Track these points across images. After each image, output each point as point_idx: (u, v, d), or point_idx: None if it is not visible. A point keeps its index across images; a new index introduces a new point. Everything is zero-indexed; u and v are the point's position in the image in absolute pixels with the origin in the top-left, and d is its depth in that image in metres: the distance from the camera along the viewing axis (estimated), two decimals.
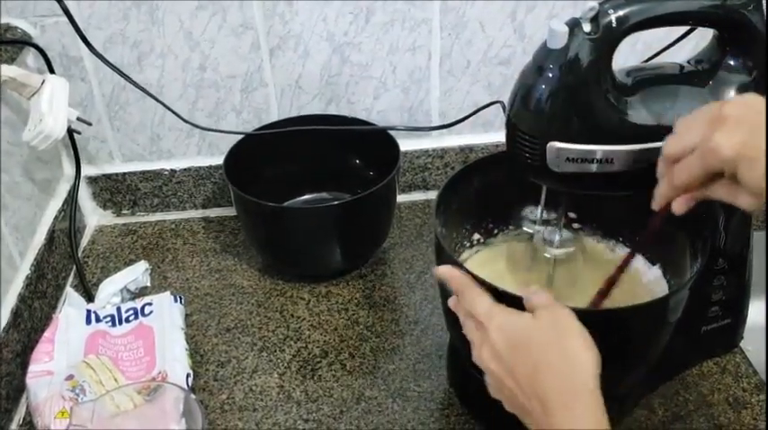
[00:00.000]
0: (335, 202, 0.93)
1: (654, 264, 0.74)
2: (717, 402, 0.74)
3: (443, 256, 0.66)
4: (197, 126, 0.93)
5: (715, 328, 0.76)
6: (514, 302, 0.57)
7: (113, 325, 0.81)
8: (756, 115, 0.47)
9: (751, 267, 0.76)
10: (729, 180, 0.48)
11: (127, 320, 0.81)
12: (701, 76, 0.62)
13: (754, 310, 0.79)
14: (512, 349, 0.53)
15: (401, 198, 1.04)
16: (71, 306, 0.84)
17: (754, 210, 0.50)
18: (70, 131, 0.91)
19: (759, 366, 0.78)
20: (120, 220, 1.05)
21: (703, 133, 0.48)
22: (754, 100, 0.48)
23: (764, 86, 0.47)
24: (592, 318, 0.58)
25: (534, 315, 0.53)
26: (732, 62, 0.61)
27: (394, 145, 0.92)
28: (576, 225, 0.79)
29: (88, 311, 0.82)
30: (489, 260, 0.79)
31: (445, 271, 0.60)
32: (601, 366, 0.51)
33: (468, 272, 0.60)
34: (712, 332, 0.76)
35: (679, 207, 0.53)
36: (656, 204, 0.55)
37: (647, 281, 0.74)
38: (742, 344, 0.80)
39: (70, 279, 0.94)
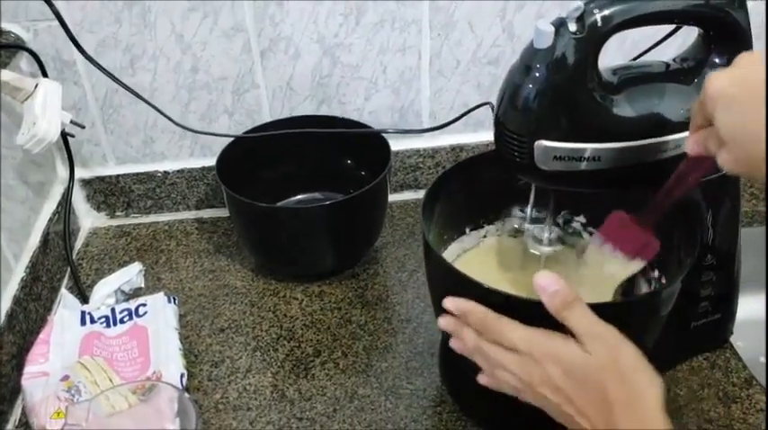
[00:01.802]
0: (327, 202, 0.93)
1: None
2: (707, 397, 0.75)
3: (432, 257, 0.66)
4: (189, 129, 0.93)
5: (705, 324, 0.77)
6: (506, 302, 0.57)
7: (108, 326, 0.81)
8: (746, 71, 0.47)
9: (740, 263, 0.76)
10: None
11: (121, 321, 0.82)
12: (686, 74, 0.63)
13: (744, 306, 0.79)
14: (573, 383, 0.52)
15: (393, 197, 1.04)
16: (66, 307, 0.84)
17: (732, 173, 0.49)
18: (64, 134, 0.91)
19: (749, 361, 0.78)
20: (114, 222, 1.06)
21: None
22: (758, 58, 0.48)
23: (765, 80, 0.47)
24: None
25: (587, 348, 0.52)
26: (717, 60, 0.62)
27: (385, 145, 0.92)
28: (570, 223, 0.80)
29: (83, 313, 0.82)
30: (479, 259, 0.79)
31: (459, 305, 0.58)
32: (664, 392, 0.51)
33: (458, 272, 0.61)
34: (702, 327, 0.77)
35: (689, 145, 0.53)
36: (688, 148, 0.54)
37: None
38: (732, 339, 0.80)
39: (65, 281, 0.95)
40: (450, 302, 0.58)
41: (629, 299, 0.69)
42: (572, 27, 0.57)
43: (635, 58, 0.78)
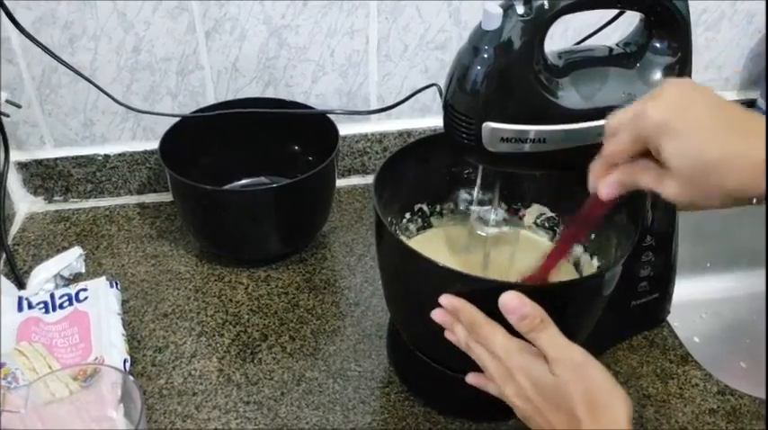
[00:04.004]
0: (274, 185, 0.92)
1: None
2: (645, 374, 0.77)
3: (384, 236, 0.66)
4: (132, 108, 0.91)
5: (644, 303, 0.79)
6: (468, 283, 0.58)
7: (47, 311, 0.79)
8: (686, 98, 0.48)
9: (677, 245, 0.79)
10: (656, 165, 0.49)
11: (61, 307, 0.79)
12: (629, 58, 0.64)
13: (678, 288, 0.82)
14: (542, 398, 0.53)
15: (341, 182, 1.04)
16: (2, 293, 0.81)
17: (678, 203, 0.49)
18: None
19: (685, 340, 0.81)
20: (53, 207, 1.02)
21: (641, 104, 0.49)
22: (690, 85, 0.49)
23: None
24: (529, 293, 0.60)
25: (554, 370, 0.53)
26: (658, 44, 0.63)
27: (333, 129, 0.92)
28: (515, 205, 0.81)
29: (20, 298, 0.79)
30: (427, 241, 0.80)
31: (453, 302, 0.59)
32: (631, 408, 0.52)
33: (413, 251, 0.61)
34: (641, 307, 0.79)
35: (605, 189, 0.52)
36: (590, 185, 0.54)
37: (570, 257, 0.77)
38: (669, 318, 0.83)
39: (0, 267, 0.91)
40: (444, 299, 0.59)
41: (573, 280, 0.71)
42: (519, 9, 0.57)
43: (579, 43, 0.80)
